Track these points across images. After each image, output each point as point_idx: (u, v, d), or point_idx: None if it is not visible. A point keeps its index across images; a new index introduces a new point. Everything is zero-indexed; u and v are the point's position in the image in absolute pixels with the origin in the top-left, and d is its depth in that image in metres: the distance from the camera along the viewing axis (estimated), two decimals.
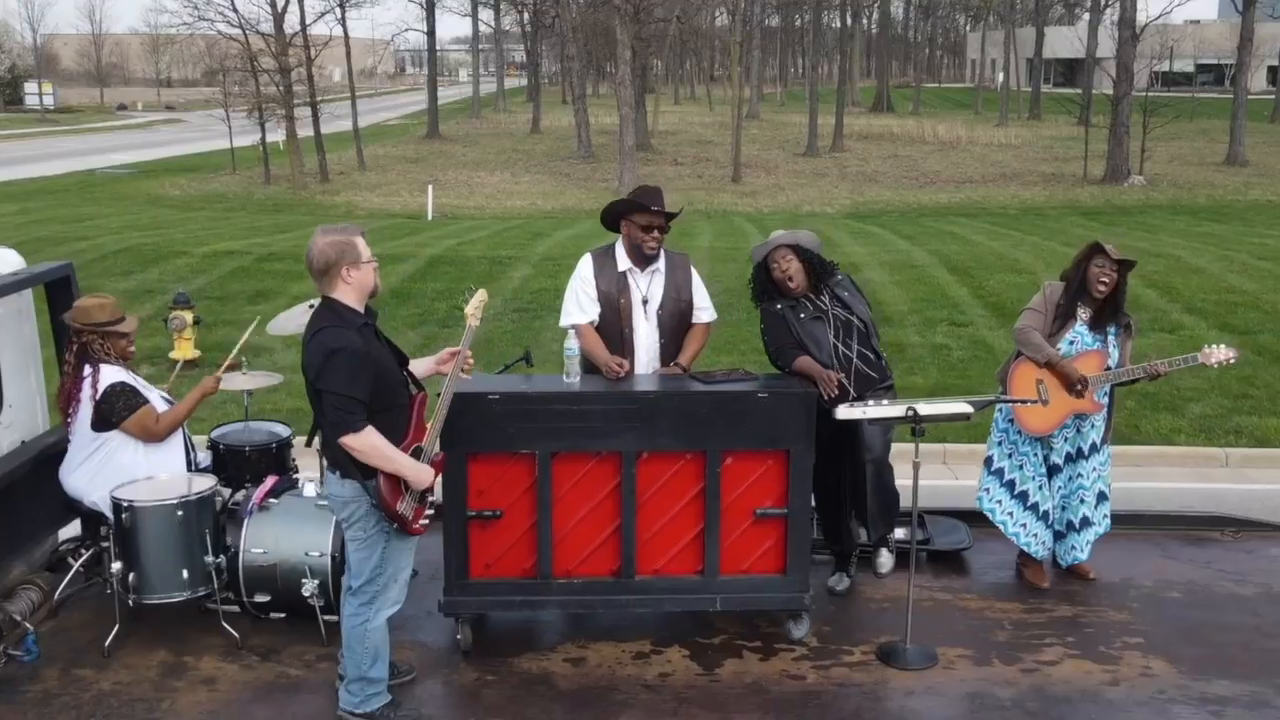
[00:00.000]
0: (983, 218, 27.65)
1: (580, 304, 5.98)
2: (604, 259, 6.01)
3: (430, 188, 29.76)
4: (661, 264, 6.00)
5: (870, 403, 5.45)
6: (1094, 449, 6.27)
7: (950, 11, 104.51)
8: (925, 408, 5.34)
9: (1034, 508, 6.27)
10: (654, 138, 48.79)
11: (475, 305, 5.00)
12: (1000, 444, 6.36)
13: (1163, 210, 29.56)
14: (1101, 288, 6.04)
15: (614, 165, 41.80)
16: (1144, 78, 40.78)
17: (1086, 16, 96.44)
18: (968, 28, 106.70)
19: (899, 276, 17.85)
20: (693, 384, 5.52)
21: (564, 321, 5.99)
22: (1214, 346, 6.14)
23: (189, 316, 12.98)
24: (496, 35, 75.50)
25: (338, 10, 38.33)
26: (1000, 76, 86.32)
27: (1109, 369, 6.13)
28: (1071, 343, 6.11)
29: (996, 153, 45.48)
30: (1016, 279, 17.58)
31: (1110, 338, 6.17)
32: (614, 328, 5.94)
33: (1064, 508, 6.30)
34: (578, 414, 5.27)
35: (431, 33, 52.65)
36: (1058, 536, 6.35)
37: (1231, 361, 6.10)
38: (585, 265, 6.03)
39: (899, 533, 6.36)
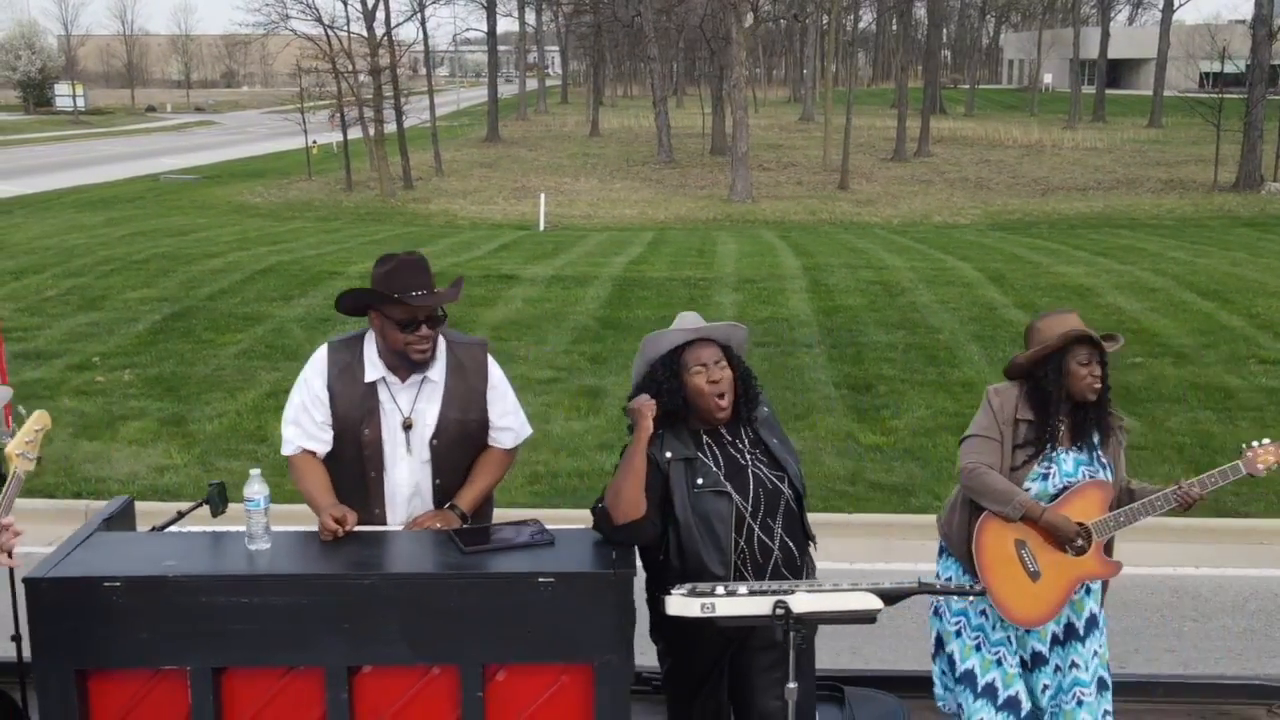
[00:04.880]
0: (1143, 230, 25.77)
1: (303, 427, 3.89)
2: (346, 358, 3.89)
3: (543, 196, 27.91)
4: (438, 367, 3.90)
5: (720, 590, 3.32)
6: (1091, 624, 4.20)
7: (997, 12, 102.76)
8: (807, 599, 3.27)
9: (1033, 717, 4.17)
10: (726, 141, 46.97)
11: (27, 436, 3.31)
12: (959, 633, 4.20)
13: None
14: (1095, 390, 4.01)
15: (699, 170, 40.11)
16: (1184, 80, 39.16)
17: (1119, 16, 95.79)
18: (1005, 29, 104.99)
19: (1149, 303, 15.96)
20: (448, 554, 3.53)
21: (283, 450, 3.96)
22: (1257, 445, 4.13)
23: None
24: (538, 36, 73.79)
25: (421, 13, 36.31)
26: (1048, 78, 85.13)
27: (1116, 504, 4.07)
28: (1046, 476, 4.05)
29: (1091, 157, 43.63)
30: None
31: (1097, 454, 4.13)
32: (355, 470, 3.89)
33: (1053, 714, 4.20)
34: (255, 609, 3.33)
35: (492, 33, 50.89)
36: None
37: None
38: (316, 366, 3.91)
39: None
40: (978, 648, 4.17)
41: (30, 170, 40.93)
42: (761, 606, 3.25)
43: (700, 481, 3.59)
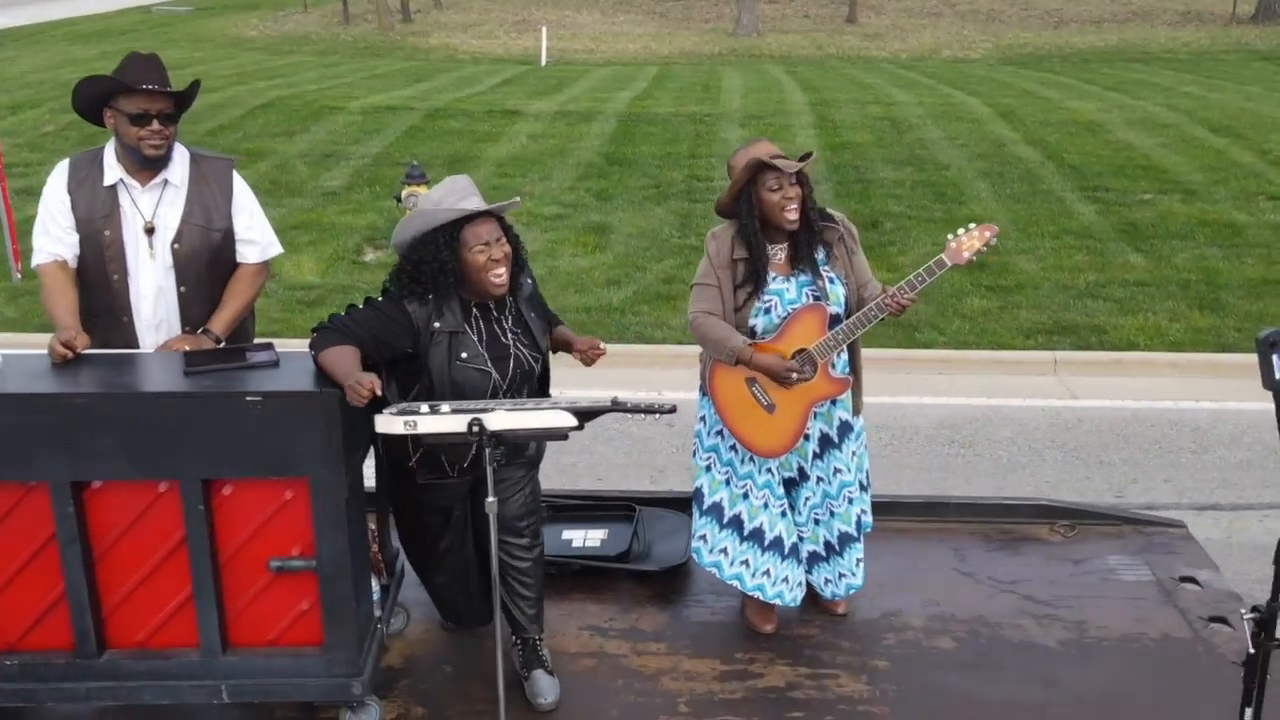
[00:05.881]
0: (1157, 64, 25.22)
1: (50, 234, 4.07)
2: (87, 166, 4.08)
3: (545, 30, 27.26)
4: (180, 173, 4.10)
5: (424, 409, 3.52)
6: (845, 430, 4.30)
7: None
8: (503, 417, 3.47)
9: (776, 544, 4.28)
10: None
11: None
12: (709, 468, 4.34)
13: None
14: (791, 216, 4.00)
15: (704, 3, 39.11)
16: None
17: None
18: None
19: (1160, 138, 15.78)
20: (169, 374, 3.72)
21: (34, 261, 4.12)
22: (961, 233, 4.04)
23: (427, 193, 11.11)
24: None
25: None
26: None
27: (835, 320, 4.09)
28: (768, 310, 4.07)
29: None
30: None
31: (823, 270, 4.13)
32: (99, 272, 4.07)
33: (816, 521, 4.37)
34: None
35: None
36: (813, 561, 4.42)
37: (992, 242, 4.05)
38: (58, 176, 4.09)
39: (576, 537, 4.85)
40: (726, 482, 4.30)
41: (15, 2, 39.87)
42: (460, 424, 3.44)
43: (464, 356, 3.71)
